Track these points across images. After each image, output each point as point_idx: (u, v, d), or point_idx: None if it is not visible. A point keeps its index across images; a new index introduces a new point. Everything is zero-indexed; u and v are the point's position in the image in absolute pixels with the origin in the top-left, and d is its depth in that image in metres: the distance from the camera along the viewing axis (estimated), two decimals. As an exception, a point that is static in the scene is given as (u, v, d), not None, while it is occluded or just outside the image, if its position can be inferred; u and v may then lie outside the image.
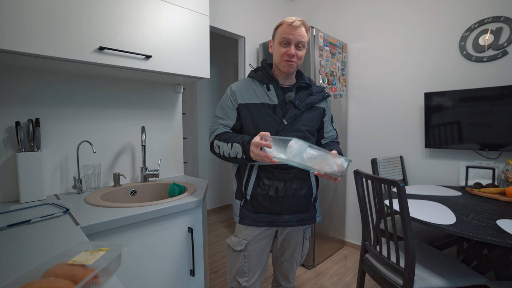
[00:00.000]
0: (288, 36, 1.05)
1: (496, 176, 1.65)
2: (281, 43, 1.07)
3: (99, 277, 0.56)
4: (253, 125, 1.08)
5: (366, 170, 2.04)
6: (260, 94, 1.10)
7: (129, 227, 1.00)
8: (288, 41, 1.06)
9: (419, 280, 1.16)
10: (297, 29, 1.05)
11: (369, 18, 2.31)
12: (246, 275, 1.14)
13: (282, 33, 1.07)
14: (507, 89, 1.60)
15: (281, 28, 1.08)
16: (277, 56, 1.10)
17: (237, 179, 1.17)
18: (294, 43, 1.05)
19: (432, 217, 1.19)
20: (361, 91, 2.40)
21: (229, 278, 1.20)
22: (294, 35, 1.04)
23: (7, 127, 1.16)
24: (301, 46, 1.07)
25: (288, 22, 1.06)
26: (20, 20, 0.93)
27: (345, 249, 2.48)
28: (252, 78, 1.15)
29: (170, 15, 1.35)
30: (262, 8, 2.54)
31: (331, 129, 1.24)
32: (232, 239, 1.17)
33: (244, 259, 1.13)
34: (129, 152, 1.54)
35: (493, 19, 1.71)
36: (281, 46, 1.07)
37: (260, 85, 1.12)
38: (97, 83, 1.41)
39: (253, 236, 1.13)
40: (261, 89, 1.11)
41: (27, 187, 1.13)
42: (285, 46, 1.07)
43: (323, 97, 1.17)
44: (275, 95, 1.09)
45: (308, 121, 1.12)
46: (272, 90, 1.10)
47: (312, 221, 1.19)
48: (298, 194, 1.11)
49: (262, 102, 1.09)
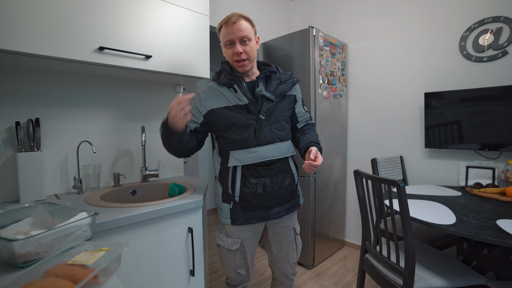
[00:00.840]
0: (229, 37, 1.05)
1: (496, 176, 1.65)
2: (226, 46, 1.09)
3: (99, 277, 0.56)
4: (231, 126, 1.08)
5: (366, 170, 2.03)
6: (229, 97, 1.10)
7: (129, 227, 1.00)
8: (231, 41, 1.06)
9: (419, 280, 1.16)
10: (235, 26, 1.04)
11: (369, 18, 2.31)
12: (243, 266, 1.21)
13: (223, 36, 1.07)
14: (507, 89, 1.60)
15: (222, 31, 1.08)
16: (228, 58, 1.11)
17: (221, 182, 1.17)
18: (238, 40, 1.05)
19: (432, 217, 1.19)
20: (361, 91, 2.40)
21: (229, 270, 1.22)
22: (234, 33, 1.04)
23: (7, 127, 1.16)
24: (247, 40, 1.06)
25: (224, 22, 1.06)
26: (20, 20, 0.93)
27: (345, 249, 2.48)
28: (216, 82, 1.14)
29: (170, 15, 1.34)
30: (262, 8, 2.54)
31: (304, 112, 1.25)
32: (225, 241, 1.17)
33: (241, 255, 1.19)
34: (129, 152, 1.54)
35: (493, 19, 1.71)
36: (227, 48, 1.09)
37: (227, 88, 1.11)
38: (97, 83, 1.41)
39: (245, 234, 1.17)
40: (229, 92, 1.10)
41: (27, 187, 1.13)
42: (230, 47, 1.08)
43: (292, 83, 1.18)
44: (243, 95, 1.08)
45: (283, 110, 1.14)
46: (239, 91, 1.09)
47: (297, 205, 1.24)
48: (284, 185, 1.14)
49: (234, 105, 1.09)
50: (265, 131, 1.08)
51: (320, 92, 2.11)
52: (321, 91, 2.12)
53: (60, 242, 0.69)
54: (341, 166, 2.43)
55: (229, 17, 1.05)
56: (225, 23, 1.05)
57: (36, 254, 0.64)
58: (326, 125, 2.20)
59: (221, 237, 1.20)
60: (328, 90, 2.19)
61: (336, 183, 2.36)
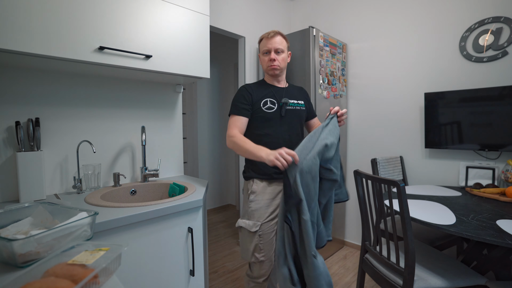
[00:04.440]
0: (267, 47, 1.35)
1: (496, 176, 1.65)
2: (263, 53, 1.38)
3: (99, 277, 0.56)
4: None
5: (366, 170, 2.04)
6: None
7: (129, 227, 1.00)
8: (268, 50, 1.35)
9: (419, 280, 1.16)
10: (273, 39, 1.33)
11: (369, 18, 2.31)
12: (262, 251, 1.29)
13: (262, 46, 1.37)
14: (507, 89, 1.60)
15: (262, 43, 1.38)
16: (264, 64, 1.39)
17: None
18: (273, 50, 1.33)
19: (432, 217, 1.19)
20: (361, 91, 2.40)
21: (247, 255, 1.33)
22: (272, 44, 1.33)
23: (7, 126, 1.16)
24: (280, 51, 1.34)
25: (265, 36, 1.36)
26: (20, 20, 0.93)
27: (345, 249, 2.48)
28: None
29: (170, 15, 1.34)
30: (262, 8, 2.54)
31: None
32: (246, 223, 1.32)
33: (260, 238, 1.29)
34: (129, 152, 1.54)
35: (493, 20, 1.72)
36: (264, 56, 1.38)
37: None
38: (97, 83, 1.41)
39: (264, 217, 1.30)
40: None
41: (27, 187, 1.13)
42: (267, 55, 1.36)
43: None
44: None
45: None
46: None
47: None
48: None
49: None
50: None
51: (320, 92, 2.11)
52: (321, 91, 2.12)
53: (60, 242, 0.69)
54: (342, 166, 2.43)
55: (269, 32, 1.35)
56: (266, 37, 1.35)
57: (36, 254, 0.64)
58: (326, 125, 2.20)
59: (243, 220, 1.34)
60: (328, 90, 2.19)
61: (336, 183, 2.36)
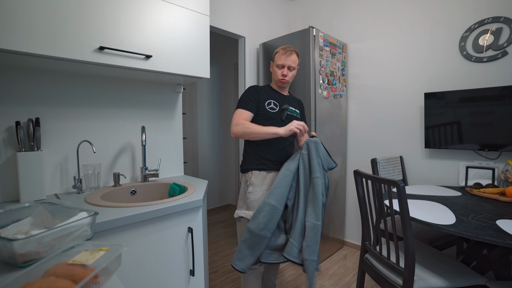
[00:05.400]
0: (282, 62, 1.45)
1: (496, 176, 1.65)
2: (278, 66, 1.48)
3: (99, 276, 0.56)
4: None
5: (366, 170, 2.04)
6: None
7: (129, 227, 1.00)
8: (282, 65, 1.46)
9: (419, 280, 1.16)
10: (289, 57, 1.44)
11: (369, 18, 2.31)
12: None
13: (278, 59, 1.47)
14: (507, 89, 1.60)
15: (278, 55, 1.47)
16: (276, 75, 1.50)
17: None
18: (286, 66, 1.45)
19: (432, 217, 1.19)
20: (361, 91, 2.40)
21: None
22: (287, 61, 1.44)
23: (7, 126, 1.16)
24: (292, 68, 1.47)
25: (283, 50, 1.45)
26: (20, 20, 0.93)
27: (345, 249, 2.48)
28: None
29: (170, 15, 1.35)
30: (262, 8, 2.54)
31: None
32: (246, 213, 1.41)
33: None
34: (129, 152, 1.54)
35: (493, 20, 1.72)
36: (278, 68, 1.48)
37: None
38: (97, 83, 1.41)
39: None
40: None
41: (27, 187, 1.13)
42: (280, 68, 1.47)
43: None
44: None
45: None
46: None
47: None
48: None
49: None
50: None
51: (320, 92, 2.11)
52: (321, 91, 2.12)
53: (60, 241, 0.69)
54: (341, 166, 2.43)
55: (286, 48, 1.45)
56: (283, 51, 1.45)
57: (36, 253, 0.64)
58: (326, 125, 2.20)
59: (243, 210, 1.45)
60: (328, 90, 2.19)
61: (336, 183, 2.36)
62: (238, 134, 1.36)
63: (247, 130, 1.34)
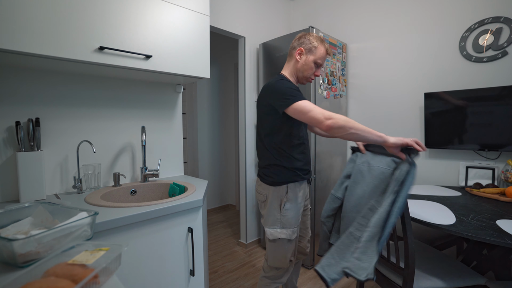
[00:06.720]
0: (323, 62, 1.28)
1: (496, 176, 1.65)
2: (316, 64, 1.27)
3: (99, 276, 0.56)
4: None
5: (366, 170, 2.03)
6: None
7: (129, 227, 1.00)
8: (321, 65, 1.29)
9: (419, 280, 1.16)
10: (327, 57, 1.27)
11: (369, 18, 2.31)
12: (294, 251, 1.32)
13: (320, 56, 1.26)
14: (507, 89, 1.60)
15: (321, 51, 1.26)
16: (307, 72, 1.28)
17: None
18: (322, 67, 1.28)
19: (432, 217, 1.19)
20: (361, 91, 2.40)
21: (283, 262, 1.29)
22: (325, 62, 1.29)
23: (7, 126, 1.16)
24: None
25: (328, 49, 1.27)
26: (20, 20, 0.93)
27: (345, 249, 2.48)
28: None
29: (170, 15, 1.35)
30: (262, 8, 2.54)
31: None
32: (285, 232, 1.24)
33: (296, 240, 1.31)
34: (129, 152, 1.54)
35: (493, 20, 1.72)
36: (315, 66, 1.28)
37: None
38: (97, 83, 1.41)
39: (299, 219, 1.30)
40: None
41: (27, 187, 1.13)
42: (317, 67, 1.28)
43: None
44: None
45: None
46: None
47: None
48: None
49: None
50: None
51: (320, 92, 2.11)
52: (321, 91, 2.12)
53: (60, 241, 0.69)
54: (341, 166, 2.43)
55: (330, 49, 1.29)
56: (328, 52, 1.28)
57: (36, 253, 0.64)
58: (326, 125, 2.19)
59: (277, 229, 1.26)
60: (328, 90, 2.19)
61: (335, 183, 2.36)
62: (335, 127, 1.02)
63: (348, 124, 1.01)
